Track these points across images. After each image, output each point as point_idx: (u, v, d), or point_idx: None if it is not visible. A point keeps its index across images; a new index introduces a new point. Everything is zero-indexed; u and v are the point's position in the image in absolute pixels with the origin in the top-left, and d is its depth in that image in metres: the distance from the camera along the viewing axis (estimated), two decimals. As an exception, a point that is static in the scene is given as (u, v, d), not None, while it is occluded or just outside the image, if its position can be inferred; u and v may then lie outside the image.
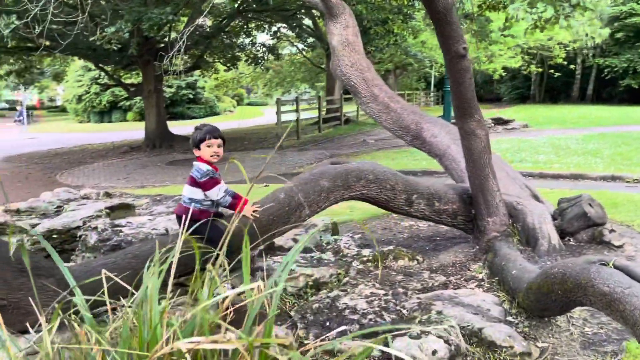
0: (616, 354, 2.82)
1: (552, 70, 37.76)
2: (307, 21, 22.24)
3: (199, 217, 3.09)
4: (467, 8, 13.05)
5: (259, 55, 22.68)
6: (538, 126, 19.96)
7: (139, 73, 21.07)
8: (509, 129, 19.31)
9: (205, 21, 19.39)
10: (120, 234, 4.15)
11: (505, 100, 46.32)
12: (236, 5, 15.83)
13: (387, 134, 5.63)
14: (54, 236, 4.46)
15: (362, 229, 5.14)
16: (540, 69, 39.16)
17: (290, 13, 18.41)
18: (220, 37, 19.53)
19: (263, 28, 21.76)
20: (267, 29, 21.87)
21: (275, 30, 22.40)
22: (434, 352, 2.63)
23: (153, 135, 19.37)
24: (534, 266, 3.52)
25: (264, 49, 22.71)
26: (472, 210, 4.47)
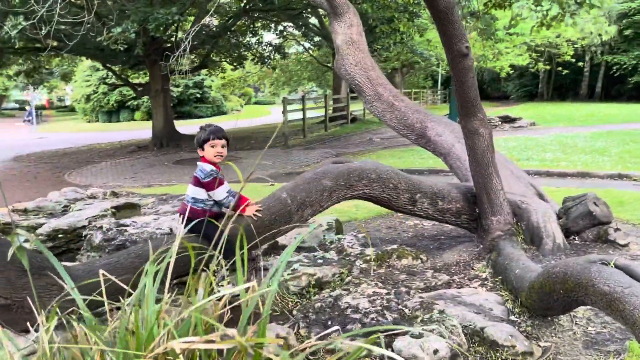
0: (619, 354, 2.81)
1: (560, 68, 37.58)
2: (314, 20, 22.21)
3: (202, 217, 3.11)
4: (473, 6, 13.00)
5: (265, 54, 22.71)
6: (545, 124, 19.86)
7: (146, 73, 21.16)
8: (516, 127, 19.23)
9: (212, 21, 19.44)
10: (125, 233, 4.18)
11: (513, 98, 46.12)
12: (242, 4, 15.86)
13: (394, 133, 5.63)
14: (60, 236, 4.49)
15: (361, 230, 5.13)
16: (548, 67, 38.93)
17: (296, 12, 18.41)
18: (227, 37, 19.57)
19: (269, 27, 21.78)
20: (274, 28, 21.88)
21: (281, 30, 22.41)
22: (436, 352, 2.63)
23: (160, 135, 19.47)
24: (537, 265, 3.51)
25: (270, 48, 22.73)
26: (476, 209, 4.46)
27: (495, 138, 4.39)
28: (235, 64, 22.69)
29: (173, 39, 16.78)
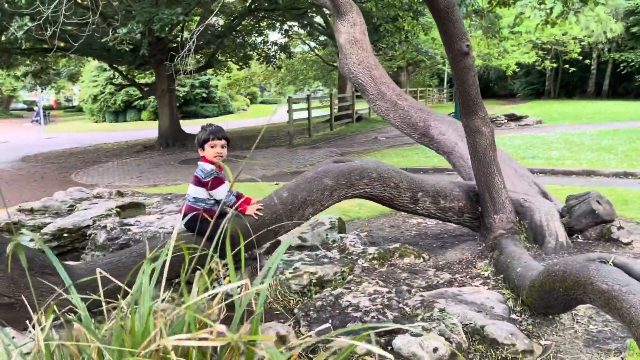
0: (620, 352, 2.80)
1: (567, 66, 37.35)
2: (319, 19, 22.22)
3: (203, 216, 3.12)
4: (477, 4, 12.97)
5: (270, 53, 22.74)
6: (552, 122, 19.77)
7: (152, 73, 21.25)
8: (522, 125, 19.17)
9: (218, 20, 19.49)
10: (128, 232, 4.22)
11: (520, 96, 45.92)
12: (247, 4, 15.89)
13: (399, 132, 5.63)
14: (65, 235, 4.54)
15: (364, 229, 5.14)
16: (555, 64, 38.69)
17: (301, 11, 18.42)
18: (232, 36, 19.61)
19: (274, 27, 21.81)
20: (279, 27, 21.91)
21: (286, 29, 22.43)
22: (435, 350, 2.64)
23: (166, 134, 19.54)
24: (538, 264, 3.50)
25: (275, 48, 22.76)
26: (479, 208, 4.46)
27: (500, 136, 4.42)
28: (241, 64, 22.73)
29: (179, 39, 16.83)
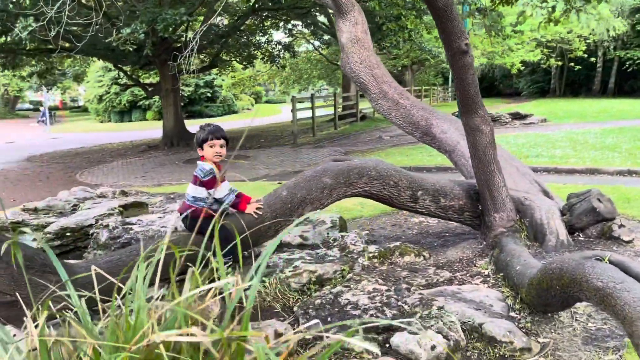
0: (618, 349, 2.81)
1: (573, 64, 37.21)
2: (322, 18, 22.23)
3: (204, 216, 3.14)
4: (480, 3, 12.94)
5: (274, 53, 22.77)
6: (557, 120, 19.70)
7: (156, 72, 21.33)
8: (527, 123, 19.11)
9: (222, 20, 19.53)
10: (130, 231, 4.25)
11: (525, 95, 45.77)
12: (250, 3, 15.92)
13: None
14: (68, 234, 4.57)
15: (365, 228, 5.15)
16: (560, 62, 38.54)
17: (305, 11, 18.43)
18: (236, 36, 19.65)
19: (278, 26, 21.83)
20: (283, 26, 21.93)
21: (290, 28, 22.45)
22: (433, 348, 2.65)
23: (171, 134, 19.61)
24: (538, 262, 3.51)
25: (279, 47, 22.79)
26: (479, 206, 4.46)
27: (505, 135, 4.41)
28: (245, 63, 22.79)
29: (183, 39, 16.87)
